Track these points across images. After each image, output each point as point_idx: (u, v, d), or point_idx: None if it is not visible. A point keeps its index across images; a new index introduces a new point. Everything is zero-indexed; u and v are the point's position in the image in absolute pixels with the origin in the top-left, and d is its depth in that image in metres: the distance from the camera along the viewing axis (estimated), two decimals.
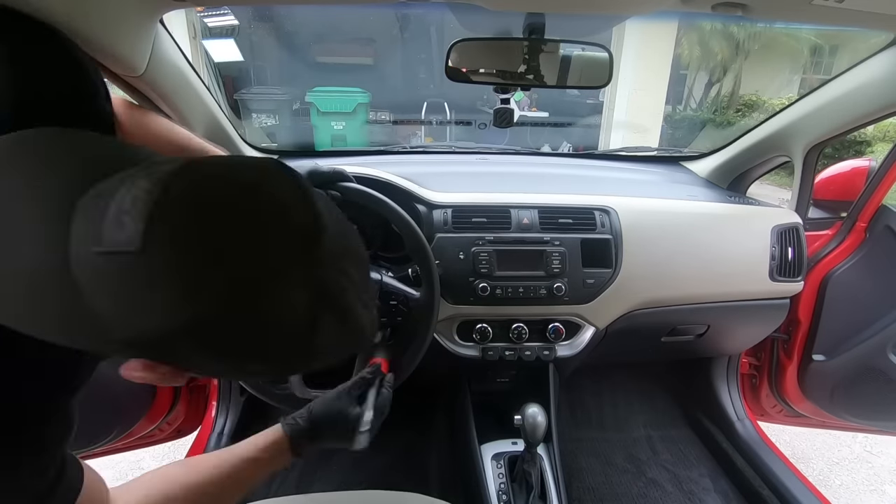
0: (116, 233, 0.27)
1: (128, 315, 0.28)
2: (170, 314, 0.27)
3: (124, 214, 0.27)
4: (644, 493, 1.29)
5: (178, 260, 0.27)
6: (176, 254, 0.27)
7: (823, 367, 1.26)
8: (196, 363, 0.32)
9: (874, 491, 1.73)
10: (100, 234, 0.27)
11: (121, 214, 0.27)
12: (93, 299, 0.28)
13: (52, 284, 0.28)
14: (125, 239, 0.26)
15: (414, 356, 0.87)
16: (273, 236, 0.29)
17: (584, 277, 1.03)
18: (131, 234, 0.26)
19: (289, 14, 5.84)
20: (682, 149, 1.75)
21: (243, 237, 0.28)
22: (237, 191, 0.29)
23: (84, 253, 0.27)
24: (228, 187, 0.29)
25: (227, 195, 0.29)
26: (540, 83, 0.87)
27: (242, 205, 0.29)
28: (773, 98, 7.67)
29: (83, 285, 0.27)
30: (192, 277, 0.27)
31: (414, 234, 0.85)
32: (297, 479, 1.30)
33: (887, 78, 0.95)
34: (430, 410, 1.50)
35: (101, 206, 0.28)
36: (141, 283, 0.27)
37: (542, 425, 0.91)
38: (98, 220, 0.27)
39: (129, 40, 0.68)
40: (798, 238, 1.14)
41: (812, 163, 1.18)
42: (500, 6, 0.72)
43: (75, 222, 0.28)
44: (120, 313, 0.28)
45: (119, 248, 0.26)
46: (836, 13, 0.67)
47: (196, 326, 0.28)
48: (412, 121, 5.28)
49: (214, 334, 0.28)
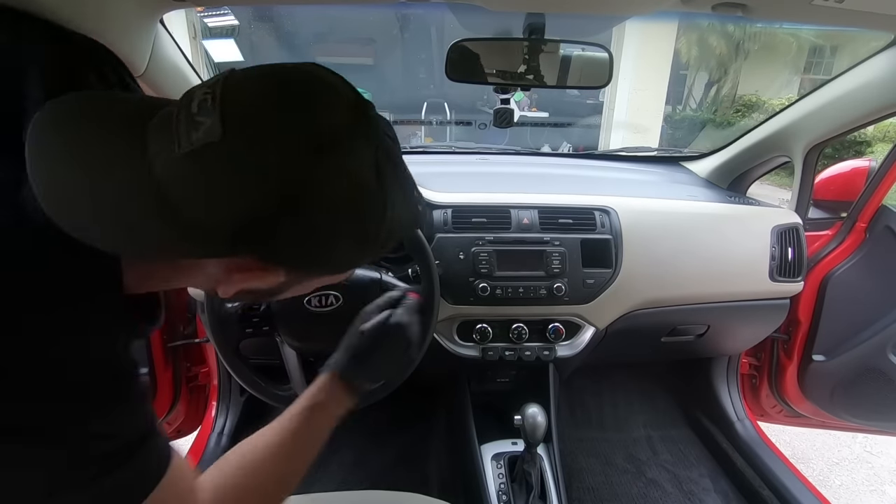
0: (195, 132, 0.29)
1: (224, 204, 0.30)
2: (264, 187, 0.30)
3: (197, 116, 0.29)
4: (644, 493, 1.29)
5: (258, 135, 0.29)
6: (255, 131, 0.29)
7: (823, 368, 1.25)
8: (289, 246, 0.34)
9: (874, 491, 1.73)
10: (179, 139, 0.29)
11: (193, 117, 0.29)
12: (187, 203, 0.30)
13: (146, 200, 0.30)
14: (205, 133, 0.29)
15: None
16: (331, 105, 0.32)
17: (584, 277, 1.03)
18: (209, 126, 0.29)
19: (289, 14, 5.84)
20: (682, 149, 1.76)
21: (308, 108, 0.31)
22: (289, 75, 0.32)
23: (167, 161, 0.29)
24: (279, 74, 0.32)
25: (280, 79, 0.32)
26: (540, 83, 0.87)
27: (296, 85, 0.32)
28: (772, 98, 7.67)
29: (174, 193, 0.30)
30: (275, 146, 0.30)
31: (413, 234, 0.85)
32: None
33: (887, 78, 0.95)
34: (431, 410, 1.50)
35: (173, 118, 0.30)
36: (231, 168, 0.29)
37: (542, 425, 0.91)
38: (174, 128, 0.29)
39: (129, 40, 0.68)
40: (798, 238, 1.14)
41: (812, 163, 1.18)
42: (500, 6, 0.72)
43: (151, 139, 0.30)
44: (216, 206, 0.30)
45: (202, 142, 0.29)
46: (836, 13, 0.67)
47: (289, 194, 0.30)
48: (412, 121, 5.28)
49: (306, 198, 0.31)
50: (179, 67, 0.87)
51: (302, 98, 0.31)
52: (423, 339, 0.86)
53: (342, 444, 1.40)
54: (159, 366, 1.16)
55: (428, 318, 0.86)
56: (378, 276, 0.85)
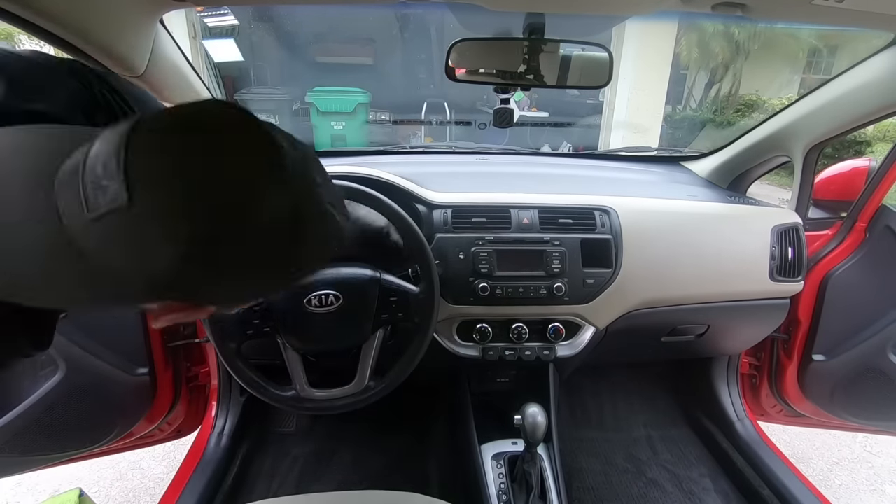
0: (101, 196, 0.29)
1: (138, 263, 0.30)
2: (173, 247, 0.30)
3: (102, 179, 0.29)
4: (644, 493, 1.29)
5: (164, 198, 0.29)
6: (162, 194, 0.29)
7: (823, 367, 1.26)
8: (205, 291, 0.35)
9: (874, 491, 1.73)
10: (87, 202, 0.29)
11: (99, 181, 0.29)
12: (103, 260, 0.30)
13: (63, 257, 0.31)
14: (111, 198, 0.29)
15: (415, 354, 0.87)
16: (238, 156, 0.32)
17: (584, 277, 1.03)
18: (115, 192, 0.29)
19: (289, 14, 5.84)
20: (682, 149, 1.76)
21: (216, 167, 0.31)
22: (195, 128, 0.32)
23: (79, 223, 0.30)
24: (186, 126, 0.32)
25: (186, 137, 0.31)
26: (540, 83, 0.87)
27: (202, 142, 0.31)
28: (773, 98, 7.67)
29: (90, 251, 0.30)
30: (182, 208, 0.29)
31: (413, 234, 0.86)
32: (297, 479, 1.30)
33: (887, 78, 0.95)
34: (431, 410, 1.50)
35: (77, 178, 0.30)
36: (140, 230, 0.29)
37: (542, 425, 0.91)
38: (80, 190, 0.30)
39: (129, 40, 0.68)
40: (798, 238, 1.14)
41: (812, 163, 1.18)
42: (500, 6, 0.72)
43: (60, 199, 0.30)
44: (130, 264, 0.31)
45: (109, 208, 0.29)
46: (836, 13, 0.67)
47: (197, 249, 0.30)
48: (412, 121, 5.28)
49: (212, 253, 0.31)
50: (179, 67, 0.87)
51: (210, 156, 0.31)
52: (424, 334, 0.87)
53: (342, 444, 1.41)
54: (159, 366, 1.16)
55: (428, 318, 0.87)
56: (378, 275, 0.85)
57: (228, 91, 5.16)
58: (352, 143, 4.85)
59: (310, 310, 0.81)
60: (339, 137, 4.90)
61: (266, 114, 5.27)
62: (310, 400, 0.86)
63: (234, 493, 1.22)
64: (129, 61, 0.71)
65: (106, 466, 1.67)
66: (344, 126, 4.91)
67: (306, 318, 0.82)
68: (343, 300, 0.82)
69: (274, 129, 0.34)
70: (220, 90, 4.29)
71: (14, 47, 0.44)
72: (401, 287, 0.86)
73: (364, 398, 0.86)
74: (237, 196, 0.31)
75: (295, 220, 0.33)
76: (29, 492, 1.58)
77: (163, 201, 0.29)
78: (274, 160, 0.32)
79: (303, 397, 0.86)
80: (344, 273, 0.85)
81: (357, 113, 4.91)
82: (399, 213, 0.85)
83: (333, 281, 0.83)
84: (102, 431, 1.08)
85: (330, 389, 0.87)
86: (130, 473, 1.66)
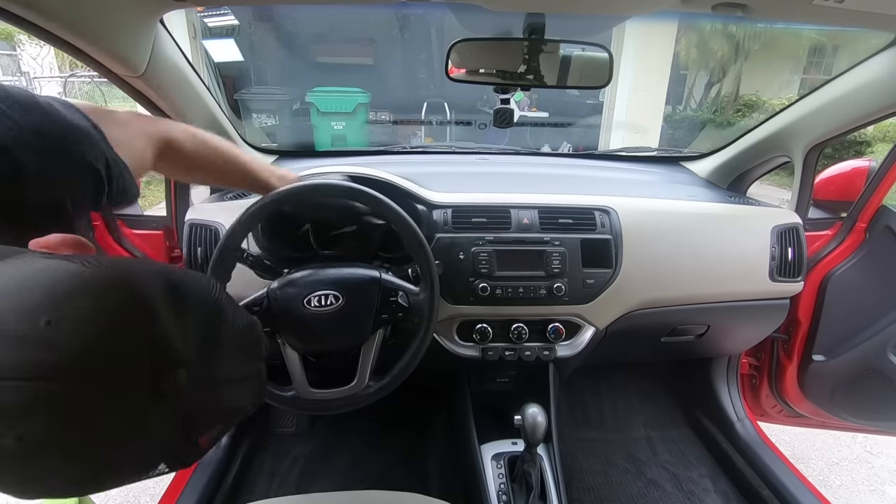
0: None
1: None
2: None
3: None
4: (644, 493, 1.29)
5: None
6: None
7: (823, 368, 1.25)
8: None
9: (874, 491, 1.73)
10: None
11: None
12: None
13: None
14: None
15: (415, 354, 0.87)
16: (119, 396, 0.29)
17: (584, 277, 1.03)
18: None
19: (289, 14, 5.84)
20: (682, 149, 1.76)
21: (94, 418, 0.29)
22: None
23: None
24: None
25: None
26: (540, 83, 0.87)
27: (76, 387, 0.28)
28: (773, 98, 7.66)
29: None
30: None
31: (413, 234, 0.85)
32: (297, 479, 1.30)
33: (887, 78, 0.95)
34: (430, 410, 1.50)
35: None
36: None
37: (542, 425, 0.91)
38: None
39: (129, 40, 0.68)
40: (798, 238, 1.14)
41: (812, 163, 1.18)
42: (500, 6, 0.72)
43: None
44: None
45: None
46: (837, 13, 0.67)
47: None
48: (412, 121, 5.28)
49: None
50: (179, 67, 0.87)
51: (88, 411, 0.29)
52: (424, 334, 0.87)
53: (342, 444, 1.41)
54: None
55: (428, 318, 0.87)
56: (378, 275, 0.85)
57: (228, 91, 5.16)
58: (352, 143, 4.85)
59: (310, 310, 0.81)
60: (339, 137, 4.89)
61: (266, 114, 5.28)
62: (310, 400, 0.86)
63: (234, 492, 1.22)
64: (129, 61, 0.71)
65: None
66: (344, 126, 4.91)
67: (306, 318, 0.82)
68: (343, 300, 0.82)
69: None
70: (220, 90, 4.30)
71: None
72: (401, 287, 0.86)
73: (364, 398, 0.86)
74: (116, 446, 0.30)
75: (188, 429, 0.33)
76: None
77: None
78: (166, 383, 0.31)
79: (303, 397, 0.86)
80: (344, 273, 0.85)
81: (357, 113, 4.90)
82: (399, 214, 0.85)
83: (333, 281, 0.83)
84: None
85: (330, 389, 0.86)
86: None
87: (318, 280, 0.83)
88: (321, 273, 0.84)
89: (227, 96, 4.97)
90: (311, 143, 4.97)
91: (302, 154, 1.45)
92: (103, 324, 0.29)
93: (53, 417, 0.27)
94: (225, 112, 1.11)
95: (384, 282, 0.85)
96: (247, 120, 5.18)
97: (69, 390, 0.27)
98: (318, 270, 0.85)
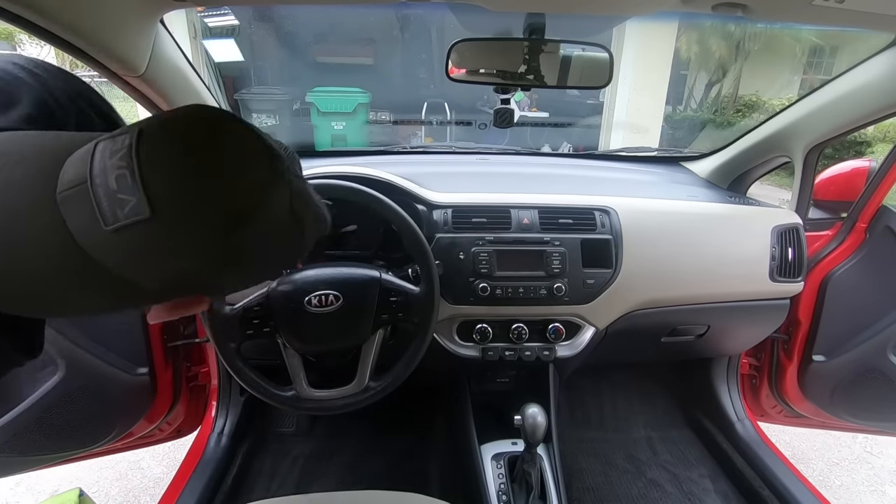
0: (120, 210, 0.29)
1: (160, 270, 0.32)
2: (195, 254, 0.31)
3: (118, 193, 0.29)
4: (644, 493, 1.29)
5: (184, 210, 0.31)
6: (183, 201, 0.30)
7: (823, 368, 1.25)
8: (218, 285, 0.38)
9: (874, 491, 1.73)
10: (104, 216, 0.29)
11: (113, 194, 0.29)
12: (121, 269, 0.31)
13: (74, 270, 0.31)
14: (132, 211, 0.29)
15: (415, 354, 0.87)
16: (246, 165, 0.33)
17: (584, 278, 1.03)
18: (135, 205, 0.29)
19: (289, 14, 5.84)
20: (682, 149, 1.76)
21: (225, 172, 0.32)
22: (198, 136, 0.33)
23: (96, 237, 0.30)
24: (188, 136, 0.33)
25: (191, 142, 0.32)
26: (540, 83, 0.87)
27: (208, 149, 0.32)
28: (773, 98, 7.67)
29: (108, 262, 0.31)
30: (199, 218, 0.31)
31: (413, 234, 0.86)
32: (297, 479, 1.30)
33: (887, 78, 0.95)
34: (430, 411, 1.50)
35: (87, 191, 0.30)
36: (165, 240, 0.31)
37: (542, 425, 0.91)
38: (93, 205, 0.30)
39: (129, 40, 0.68)
40: (798, 238, 1.14)
41: (812, 163, 1.18)
42: (500, 6, 0.72)
43: (69, 216, 0.30)
44: (151, 272, 0.32)
45: (132, 219, 0.29)
46: (837, 13, 0.67)
47: (222, 251, 0.32)
48: (412, 121, 5.28)
49: (236, 251, 0.33)
50: (179, 67, 0.87)
51: (216, 163, 0.32)
52: (424, 334, 0.87)
53: (342, 445, 1.41)
54: (159, 366, 1.16)
55: (428, 319, 0.87)
56: (378, 275, 0.85)
57: (228, 91, 5.15)
58: (352, 144, 4.85)
59: (310, 310, 0.81)
60: (339, 137, 4.90)
61: (266, 114, 5.27)
62: (310, 400, 0.86)
63: (234, 493, 1.22)
64: (130, 61, 0.71)
65: (105, 466, 1.67)
66: (344, 126, 4.91)
67: (306, 318, 0.82)
68: (343, 300, 0.82)
69: (261, 131, 0.36)
70: (220, 90, 4.29)
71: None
72: (401, 287, 0.86)
73: (364, 398, 0.86)
74: (251, 200, 0.33)
75: (294, 212, 0.36)
76: (28, 492, 1.58)
77: (186, 213, 0.31)
78: (274, 164, 0.35)
79: (303, 397, 0.86)
80: (344, 273, 0.85)
81: (357, 113, 4.91)
82: (399, 214, 0.85)
83: (334, 281, 0.83)
84: (102, 431, 1.08)
85: (330, 389, 0.86)
86: (130, 473, 1.66)
87: (318, 280, 0.83)
88: (321, 273, 0.84)
89: (228, 96, 4.97)
90: (311, 143, 4.97)
91: (302, 154, 1.45)
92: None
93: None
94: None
95: (384, 282, 0.85)
96: (247, 120, 5.18)
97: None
98: (318, 270, 0.85)
